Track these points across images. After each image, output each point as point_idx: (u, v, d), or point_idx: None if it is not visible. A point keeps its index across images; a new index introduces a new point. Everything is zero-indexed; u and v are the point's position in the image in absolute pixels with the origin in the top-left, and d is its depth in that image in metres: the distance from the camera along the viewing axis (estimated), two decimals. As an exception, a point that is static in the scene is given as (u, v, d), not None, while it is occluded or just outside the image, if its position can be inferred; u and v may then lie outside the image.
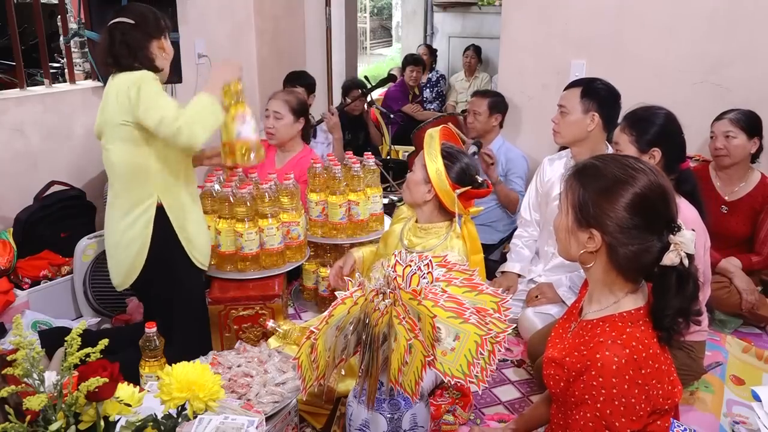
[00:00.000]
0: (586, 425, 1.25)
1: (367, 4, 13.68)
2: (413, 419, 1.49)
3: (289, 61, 4.31)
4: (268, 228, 2.52)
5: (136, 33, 2.07)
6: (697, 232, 1.93)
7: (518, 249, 2.80)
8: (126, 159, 2.07)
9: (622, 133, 2.10)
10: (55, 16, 3.89)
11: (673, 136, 2.07)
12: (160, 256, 2.14)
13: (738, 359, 2.47)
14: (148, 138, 2.04)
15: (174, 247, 2.17)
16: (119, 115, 2.02)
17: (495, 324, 1.42)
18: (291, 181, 2.62)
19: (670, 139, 2.06)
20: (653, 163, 2.02)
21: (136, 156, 2.06)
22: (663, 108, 2.11)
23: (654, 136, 2.04)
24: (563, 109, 2.51)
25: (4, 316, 2.48)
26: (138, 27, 2.08)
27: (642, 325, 1.30)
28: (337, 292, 1.44)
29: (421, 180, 2.07)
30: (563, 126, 2.51)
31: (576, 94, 2.48)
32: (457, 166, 2.05)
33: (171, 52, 2.18)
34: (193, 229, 2.21)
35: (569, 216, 1.35)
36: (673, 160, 2.04)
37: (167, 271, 2.18)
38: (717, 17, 2.98)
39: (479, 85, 6.15)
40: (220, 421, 1.22)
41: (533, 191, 2.81)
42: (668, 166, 2.00)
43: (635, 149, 2.06)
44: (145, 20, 2.10)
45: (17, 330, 1.17)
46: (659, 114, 2.08)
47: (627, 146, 2.08)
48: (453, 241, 2.07)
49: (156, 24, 2.12)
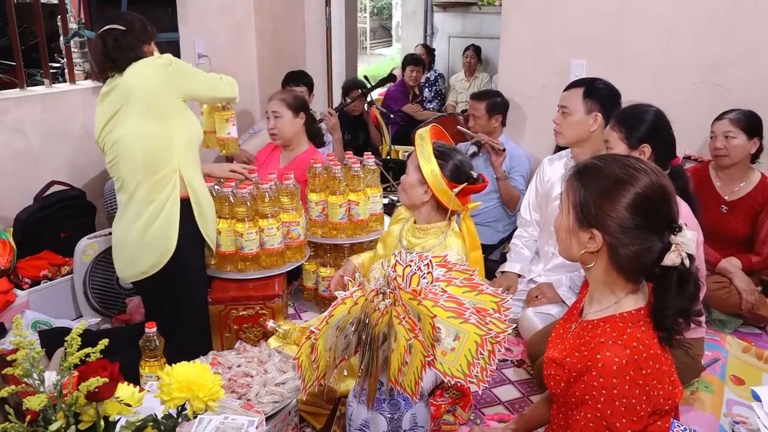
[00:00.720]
0: (587, 425, 1.25)
1: (367, 4, 13.68)
2: (413, 419, 1.49)
3: (289, 61, 4.31)
4: (268, 228, 2.52)
5: (127, 37, 2.15)
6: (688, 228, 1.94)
7: (518, 249, 2.79)
8: (148, 137, 2.12)
9: (612, 130, 2.12)
10: (55, 16, 3.89)
11: (663, 133, 2.08)
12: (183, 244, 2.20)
13: (738, 359, 2.47)
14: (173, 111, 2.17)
15: (194, 228, 2.25)
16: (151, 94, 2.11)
17: (495, 324, 1.42)
18: (291, 181, 2.62)
19: (660, 135, 2.07)
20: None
21: (158, 131, 2.13)
22: (652, 105, 2.12)
23: (644, 132, 2.06)
24: (565, 110, 2.50)
25: (4, 316, 2.48)
26: (128, 32, 2.16)
27: (643, 326, 1.30)
28: (337, 293, 1.44)
29: (416, 182, 2.06)
30: (565, 127, 2.51)
31: (578, 95, 2.48)
32: (451, 164, 2.04)
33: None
34: (207, 207, 2.31)
35: (570, 216, 1.35)
36: (663, 156, 2.06)
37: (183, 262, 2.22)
38: (717, 17, 2.98)
39: (479, 85, 6.15)
40: (220, 421, 1.22)
41: (533, 191, 2.81)
42: (659, 162, 2.01)
43: (625, 146, 2.07)
44: (133, 26, 2.19)
45: (17, 330, 1.17)
46: (648, 111, 2.10)
47: (617, 144, 2.09)
48: (452, 240, 2.07)
49: (143, 30, 2.22)
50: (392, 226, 2.30)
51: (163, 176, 2.15)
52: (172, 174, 2.17)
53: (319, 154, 3.12)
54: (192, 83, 2.24)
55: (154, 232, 2.15)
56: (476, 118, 3.34)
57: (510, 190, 3.20)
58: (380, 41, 14.54)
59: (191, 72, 2.25)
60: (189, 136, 2.23)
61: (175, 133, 2.17)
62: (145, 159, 2.13)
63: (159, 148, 2.14)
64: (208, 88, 2.31)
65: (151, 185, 2.14)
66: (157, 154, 2.14)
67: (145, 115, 2.11)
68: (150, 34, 2.24)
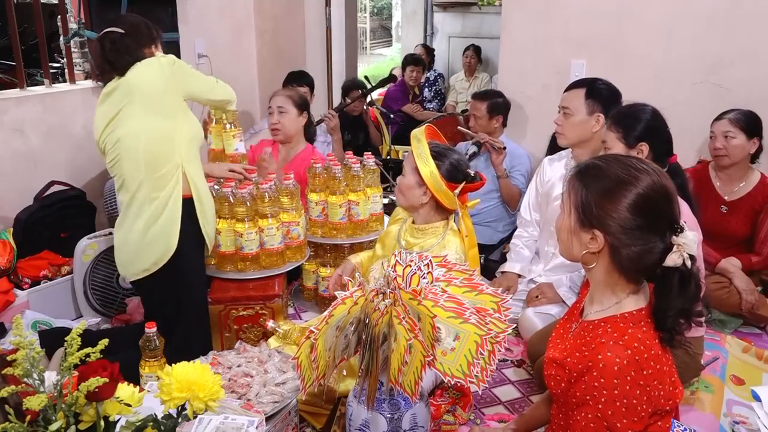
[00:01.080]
0: (587, 426, 1.25)
1: (367, 4, 13.68)
2: (413, 419, 1.49)
3: (289, 61, 4.31)
4: (268, 228, 2.52)
5: (126, 40, 2.15)
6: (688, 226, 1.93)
7: (518, 249, 2.79)
8: (151, 135, 2.12)
9: (609, 131, 2.12)
10: (55, 16, 3.89)
11: (660, 131, 2.09)
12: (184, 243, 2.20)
13: (738, 359, 2.47)
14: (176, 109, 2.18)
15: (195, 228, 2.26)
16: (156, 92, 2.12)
17: (495, 324, 1.42)
18: (291, 181, 2.62)
19: (657, 133, 2.07)
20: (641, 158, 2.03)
21: (162, 129, 2.13)
22: (648, 104, 2.13)
23: (641, 131, 2.06)
24: (567, 111, 2.50)
25: (4, 316, 2.48)
26: (127, 35, 2.16)
27: (644, 326, 1.30)
28: (337, 293, 1.44)
29: (414, 184, 2.06)
30: (567, 128, 2.51)
31: (580, 96, 2.48)
32: (447, 163, 2.04)
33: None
34: (208, 206, 2.31)
35: (572, 216, 1.35)
36: (660, 154, 2.06)
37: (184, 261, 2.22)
38: (717, 17, 2.98)
39: (479, 85, 6.15)
40: (220, 421, 1.22)
41: (533, 191, 2.81)
42: (656, 160, 2.01)
43: (623, 146, 2.07)
44: (136, 29, 2.19)
45: (17, 330, 1.17)
46: (645, 110, 2.10)
47: (614, 143, 2.09)
48: (450, 239, 2.07)
49: (146, 33, 2.22)
50: (390, 226, 2.30)
51: (165, 173, 2.15)
52: (174, 170, 2.17)
53: (318, 153, 3.12)
54: (192, 83, 2.26)
55: (156, 230, 2.15)
56: (477, 118, 3.34)
57: (511, 188, 3.20)
58: (380, 41, 14.54)
59: (191, 73, 2.28)
60: (191, 134, 2.24)
61: (178, 130, 2.18)
62: (147, 156, 2.12)
63: (162, 145, 2.15)
64: (207, 90, 2.34)
65: (153, 183, 2.14)
66: (160, 151, 2.14)
67: (149, 112, 2.12)
68: (154, 37, 2.25)
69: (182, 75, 2.21)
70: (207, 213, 2.30)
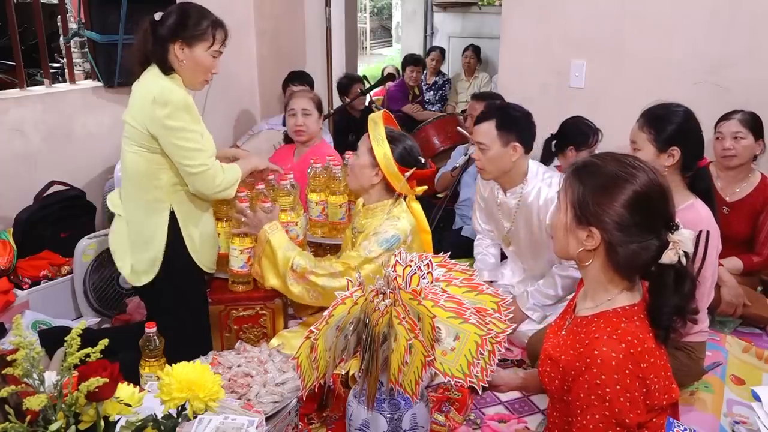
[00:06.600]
0: (597, 427, 1.25)
1: (367, 4, 13.69)
2: (413, 419, 1.49)
3: (289, 61, 4.30)
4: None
5: (160, 29, 1.98)
6: (712, 235, 1.90)
7: (481, 257, 2.78)
8: (138, 163, 2.03)
9: (640, 131, 2.05)
10: (55, 16, 3.89)
11: (692, 134, 2.04)
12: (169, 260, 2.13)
13: (738, 359, 2.47)
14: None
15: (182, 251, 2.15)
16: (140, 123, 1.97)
17: (495, 324, 1.42)
18: (288, 181, 2.61)
19: (689, 136, 2.02)
20: (672, 162, 2.00)
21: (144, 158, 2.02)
22: (681, 105, 2.07)
23: (673, 134, 2.00)
24: (482, 146, 2.37)
25: (4, 316, 2.48)
26: (161, 24, 1.98)
27: (637, 321, 1.30)
28: (337, 292, 1.44)
29: (367, 163, 2.14)
30: (486, 163, 2.38)
31: (491, 129, 2.35)
32: (401, 147, 2.13)
33: (195, 63, 2.03)
34: (199, 239, 2.19)
35: (568, 214, 1.35)
36: (691, 158, 2.01)
37: (173, 273, 2.17)
38: (717, 17, 2.98)
39: (479, 86, 6.14)
40: (220, 421, 1.22)
41: (477, 205, 2.78)
42: (686, 164, 1.99)
43: (653, 148, 2.02)
44: (183, 20, 1.99)
45: (17, 330, 1.17)
46: (678, 111, 2.04)
47: (645, 145, 2.03)
48: (399, 212, 2.14)
49: (195, 27, 2.00)
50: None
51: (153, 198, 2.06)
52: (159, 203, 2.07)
53: (331, 147, 3.12)
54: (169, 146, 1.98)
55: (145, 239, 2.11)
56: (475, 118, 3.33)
57: None
58: (380, 41, 14.54)
59: (178, 136, 1.96)
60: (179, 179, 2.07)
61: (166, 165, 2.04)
62: (134, 179, 2.06)
63: (144, 175, 2.03)
64: (180, 157, 1.99)
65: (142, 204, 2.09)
66: (145, 183, 2.04)
67: (133, 138, 2.01)
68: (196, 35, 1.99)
69: (166, 136, 1.96)
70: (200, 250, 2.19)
